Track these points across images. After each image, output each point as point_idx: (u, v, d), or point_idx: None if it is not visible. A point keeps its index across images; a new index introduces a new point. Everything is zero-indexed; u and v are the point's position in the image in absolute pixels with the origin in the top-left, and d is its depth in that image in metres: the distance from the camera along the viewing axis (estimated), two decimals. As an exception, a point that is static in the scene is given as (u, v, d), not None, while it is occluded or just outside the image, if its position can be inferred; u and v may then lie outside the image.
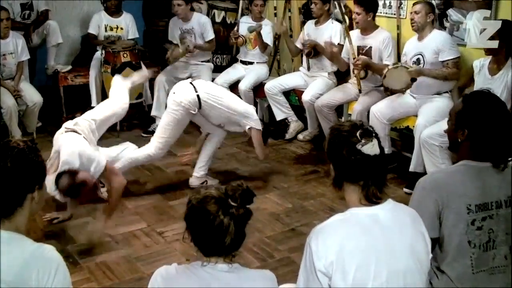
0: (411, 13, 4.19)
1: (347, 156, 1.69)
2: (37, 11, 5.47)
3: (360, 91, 4.63)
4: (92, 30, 5.61)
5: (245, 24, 5.56)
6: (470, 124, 2.04)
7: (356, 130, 1.70)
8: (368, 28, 4.56)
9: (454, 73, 4.05)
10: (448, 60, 4.05)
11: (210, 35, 5.50)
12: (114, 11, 5.62)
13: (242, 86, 5.40)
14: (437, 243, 2.02)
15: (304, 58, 5.24)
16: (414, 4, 4.19)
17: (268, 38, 5.47)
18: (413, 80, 4.09)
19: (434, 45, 4.09)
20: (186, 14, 5.38)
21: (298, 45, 5.23)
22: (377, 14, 4.59)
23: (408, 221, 1.76)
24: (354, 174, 1.72)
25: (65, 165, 3.22)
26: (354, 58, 4.54)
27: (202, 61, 5.61)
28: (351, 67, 4.69)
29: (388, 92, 4.26)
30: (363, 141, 1.67)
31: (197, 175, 4.21)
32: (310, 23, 5.17)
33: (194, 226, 1.71)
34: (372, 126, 1.76)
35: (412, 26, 4.18)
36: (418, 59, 4.18)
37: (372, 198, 1.71)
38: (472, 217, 1.96)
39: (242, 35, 5.50)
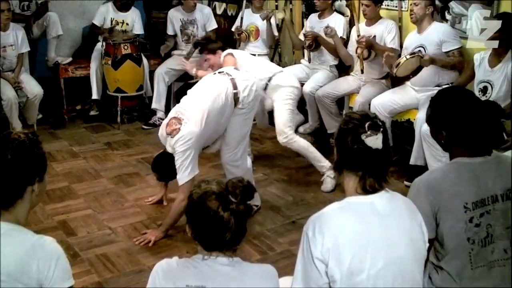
0: (411, 4, 4.20)
1: (351, 144, 1.72)
2: (36, 2, 5.44)
3: (362, 71, 4.62)
4: (96, 21, 5.55)
5: (246, 18, 5.53)
6: (444, 125, 2.04)
7: (366, 121, 1.71)
8: (373, 18, 4.58)
9: (461, 61, 4.06)
10: (453, 50, 4.05)
11: (213, 25, 5.53)
12: (122, 6, 5.56)
13: (243, 77, 5.36)
14: (434, 242, 2.01)
15: (306, 50, 5.22)
16: None
17: (274, 28, 5.47)
18: (419, 68, 4.09)
19: (436, 37, 4.08)
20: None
21: (301, 37, 5.21)
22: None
23: (405, 209, 1.77)
24: (353, 163, 1.74)
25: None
26: (358, 36, 4.54)
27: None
28: (355, 59, 4.68)
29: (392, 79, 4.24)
30: (368, 132, 1.69)
31: None
32: (313, 16, 5.13)
33: (194, 221, 1.71)
34: (384, 122, 1.77)
35: (411, 18, 4.19)
36: (419, 52, 4.16)
37: (369, 190, 1.72)
38: (470, 215, 1.95)
39: (245, 30, 5.47)
